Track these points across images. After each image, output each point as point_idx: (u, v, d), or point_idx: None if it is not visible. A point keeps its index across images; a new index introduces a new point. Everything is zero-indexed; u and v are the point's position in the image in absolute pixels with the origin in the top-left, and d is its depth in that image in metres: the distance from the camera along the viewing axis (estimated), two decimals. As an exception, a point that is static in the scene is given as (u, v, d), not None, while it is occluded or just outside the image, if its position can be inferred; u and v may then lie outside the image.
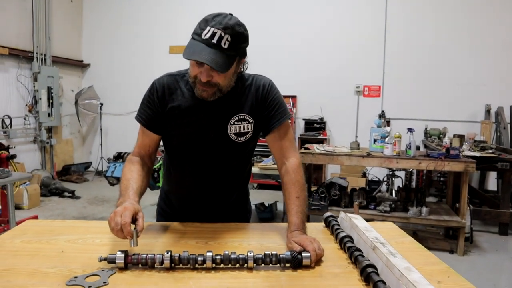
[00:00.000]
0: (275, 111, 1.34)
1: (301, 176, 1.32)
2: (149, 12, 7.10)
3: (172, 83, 1.33)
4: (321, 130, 6.27)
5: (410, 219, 3.73)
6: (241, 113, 1.32)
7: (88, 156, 7.70)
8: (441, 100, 6.06)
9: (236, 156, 1.40)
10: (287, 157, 1.35)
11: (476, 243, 3.95)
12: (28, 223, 1.37)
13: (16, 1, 5.96)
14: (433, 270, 1.06)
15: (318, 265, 1.08)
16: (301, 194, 1.27)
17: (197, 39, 1.15)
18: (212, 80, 1.19)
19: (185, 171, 1.39)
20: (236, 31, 1.16)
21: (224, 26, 1.13)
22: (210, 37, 1.13)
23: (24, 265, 1.02)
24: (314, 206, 3.83)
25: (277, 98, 1.36)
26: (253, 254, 1.03)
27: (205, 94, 1.23)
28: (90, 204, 5.30)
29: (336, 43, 6.43)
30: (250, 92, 1.34)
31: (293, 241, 1.13)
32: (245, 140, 1.35)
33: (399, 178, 4.94)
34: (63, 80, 6.90)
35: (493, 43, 5.84)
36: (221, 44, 1.13)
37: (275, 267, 1.04)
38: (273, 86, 1.37)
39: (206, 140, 1.32)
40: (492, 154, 4.19)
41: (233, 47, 1.15)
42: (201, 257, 1.01)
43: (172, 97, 1.32)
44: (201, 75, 1.18)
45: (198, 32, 1.16)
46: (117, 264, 1.00)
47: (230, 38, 1.14)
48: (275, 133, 1.35)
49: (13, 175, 3.18)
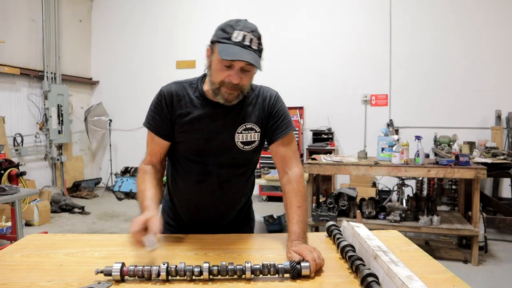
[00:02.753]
0: (280, 121, 1.37)
1: (303, 186, 1.33)
2: (155, 29, 7.23)
3: (180, 90, 1.34)
4: (329, 141, 6.23)
5: (421, 228, 3.64)
6: (249, 123, 1.34)
7: (98, 172, 7.78)
8: (450, 107, 5.99)
9: (243, 165, 1.40)
10: (289, 167, 1.35)
11: (491, 252, 3.83)
12: (29, 237, 1.38)
13: (27, 22, 6.13)
14: (437, 279, 1.03)
15: (319, 275, 1.05)
16: (303, 204, 1.27)
17: (228, 43, 1.18)
18: (241, 83, 1.22)
19: (191, 179, 1.39)
20: (259, 34, 1.23)
21: (251, 29, 1.20)
22: (242, 39, 1.18)
23: (21, 279, 1.01)
24: (322, 217, 3.78)
25: (283, 110, 1.38)
26: (250, 265, 1.00)
27: (231, 97, 1.25)
28: (100, 220, 5.32)
29: (342, 53, 6.44)
30: (257, 103, 1.36)
31: (292, 251, 1.10)
32: (252, 149, 1.37)
33: (410, 187, 4.87)
34: (72, 98, 7.03)
35: (502, 48, 5.78)
36: (251, 45, 1.19)
37: (274, 278, 1.02)
38: (279, 98, 1.40)
39: (213, 147, 1.33)
40: (504, 160, 4.10)
41: (260, 48, 1.23)
42: (198, 269, 0.99)
43: (180, 103, 1.33)
44: (231, 78, 1.20)
45: (225, 36, 1.19)
46: (113, 276, 0.99)
47: (257, 40, 1.21)
48: (279, 143, 1.37)
49: (21, 192, 3.22)
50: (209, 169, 1.35)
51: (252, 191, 1.56)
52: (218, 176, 1.36)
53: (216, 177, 1.36)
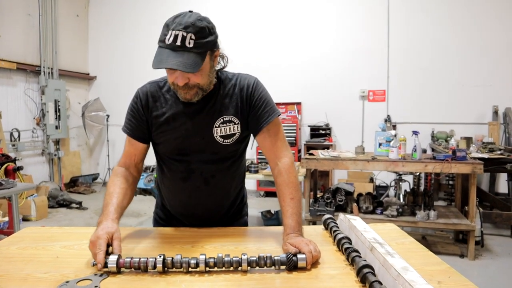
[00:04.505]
0: (262, 109, 1.31)
1: (295, 176, 1.30)
2: (153, 24, 7.16)
3: (155, 90, 1.33)
4: (327, 136, 6.23)
5: (418, 223, 3.66)
6: (226, 115, 1.30)
7: (96, 167, 7.76)
8: (447, 103, 5.99)
9: (226, 159, 1.37)
10: (279, 157, 1.32)
11: (487, 247, 3.86)
12: (26, 230, 1.38)
13: (23, 17, 6.09)
14: (433, 270, 1.03)
15: (315, 267, 1.05)
16: (295, 195, 1.25)
17: (162, 46, 1.15)
18: (190, 82, 1.19)
19: (176, 178, 1.37)
20: (198, 27, 1.14)
21: (185, 26, 1.12)
22: (173, 40, 1.12)
23: (18, 270, 1.02)
24: (319, 211, 3.79)
25: (263, 96, 1.33)
26: (247, 257, 1.01)
27: (188, 96, 1.22)
28: (97, 215, 5.29)
29: (340, 49, 6.43)
30: (235, 93, 1.31)
31: (289, 243, 1.11)
32: (233, 142, 1.33)
33: (407, 182, 4.89)
34: (70, 93, 6.99)
35: (498, 43, 5.77)
36: (185, 45, 1.12)
37: (270, 270, 1.02)
38: (258, 84, 1.34)
39: (193, 145, 1.31)
40: (500, 155, 4.11)
41: (199, 44, 1.14)
42: (194, 260, 0.99)
43: (156, 104, 1.32)
44: (177, 80, 1.18)
45: (162, 39, 1.15)
46: (109, 268, 0.99)
47: (193, 36, 1.12)
48: (265, 133, 1.32)
49: (18, 186, 3.21)
50: (191, 167, 1.34)
51: (242, 183, 1.53)
52: (202, 173, 1.34)
53: (200, 174, 1.34)
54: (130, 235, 1.31)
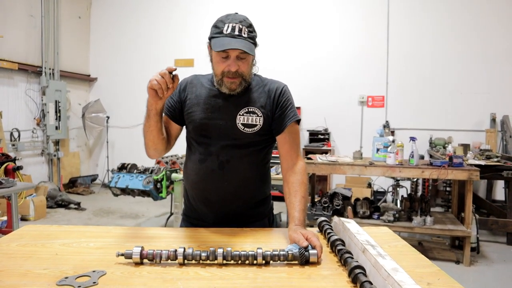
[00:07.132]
0: (287, 111, 1.44)
1: (307, 179, 1.44)
2: (154, 27, 7.24)
3: (195, 78, 1.51)
4: (326, 141, 6.27)
5: (414, 228, 3.68)
6: (252, 106, 1.42)
7: (95, 168, 7.78)
8: (445, 110, 6.04)
9: (244, 146, 1.42)
10: (295, 160, 1.44)
11: (483, 254, 3.88)
12: (26, 227, 1.40)
13: (26, 18, 6.14)
14: (423, 272, 1.06)
15: (308, 267, 1.08)
16: (306, 195, 1.38)
17: (220, 36, 1.30)
18: (239, 70, 1.33)
19: (195, 159, 1.46)
20: (249, 23, 1.35)
21: (239, 20, 1.32)
22: (232, 30, 1.29)
23: (18, 266, 1.04)
24: (316, 215, 3.81)
25: (290, 100, 1.47)
26: (262, 251, 1.07)
27: (234, 86, 1.36)
28: (96, 216, 5.33)
29: (339, 54, 6.48)
30: (263, 91, 1.45)
31: (300, 233, 1.18)
32: (253, 132, 1.41)
33: (404, 188, 4.91)
34: (70, 94, 7.03)
35: (497, 51, 5.83)
36: (242, 34, 1.30)
37: (265, 269, 1.05)
38: (287, 90, 1.49)
39: (215, 128, 1.41)
40: (497, 162, 4.14)
41: (251, 35, 1.33)
42: (205, 253, 1.06)
43: (192, 89, 1.48)
44: (230, 67, 1.32)
45: (218, 31, 1.31)
46: (133, 259, 1.05)
47: (246, 29, 1.32)
48: (286, 134, 1.44)
49: (17, 185, 3.23)
50: (210, 149, 1.43)
51: (265, 184, 1.54)
52: (218, 156, 1.42)
53: (216, 157, 1.42)
54: (141, 235, 1.37)
